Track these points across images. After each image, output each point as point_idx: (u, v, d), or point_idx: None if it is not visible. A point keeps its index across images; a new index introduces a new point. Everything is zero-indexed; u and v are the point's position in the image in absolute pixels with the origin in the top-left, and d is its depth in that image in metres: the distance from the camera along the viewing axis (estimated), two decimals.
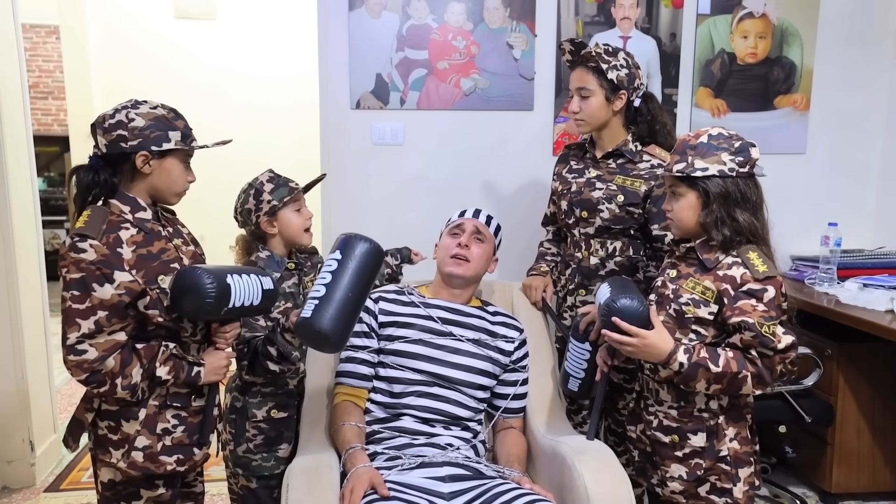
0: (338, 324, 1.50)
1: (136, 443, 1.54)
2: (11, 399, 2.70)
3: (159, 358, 1.52)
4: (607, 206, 2.04)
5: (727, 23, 2.83)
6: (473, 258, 1.92)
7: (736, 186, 1.54)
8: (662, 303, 1.64)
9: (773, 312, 1.51)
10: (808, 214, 2.93)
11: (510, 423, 1.97)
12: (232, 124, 4.03)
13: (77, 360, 1.44)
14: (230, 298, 1.53)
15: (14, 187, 2.68)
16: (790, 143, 2.94)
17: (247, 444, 1.86)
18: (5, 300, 2.65)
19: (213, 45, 4.00)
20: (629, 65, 2.00)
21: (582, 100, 2.02)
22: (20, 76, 2.78)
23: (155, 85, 3.88)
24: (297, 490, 1.55)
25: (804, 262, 2.91)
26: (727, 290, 1.53)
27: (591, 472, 1.64)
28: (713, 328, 1.57)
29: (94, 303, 1.44)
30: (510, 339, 1.96)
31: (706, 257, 1.58)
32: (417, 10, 2.66)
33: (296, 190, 1.92)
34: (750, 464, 1.61)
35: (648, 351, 1.56)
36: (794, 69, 2.89)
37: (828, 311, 2.44)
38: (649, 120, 2.07)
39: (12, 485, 2.75)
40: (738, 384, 1.52)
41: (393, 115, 2.71)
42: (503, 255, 2.82)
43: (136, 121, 1.51)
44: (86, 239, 1.45)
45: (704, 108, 2.87)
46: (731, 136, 1.56)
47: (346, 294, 1.50)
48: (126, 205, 1.54)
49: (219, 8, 3.91)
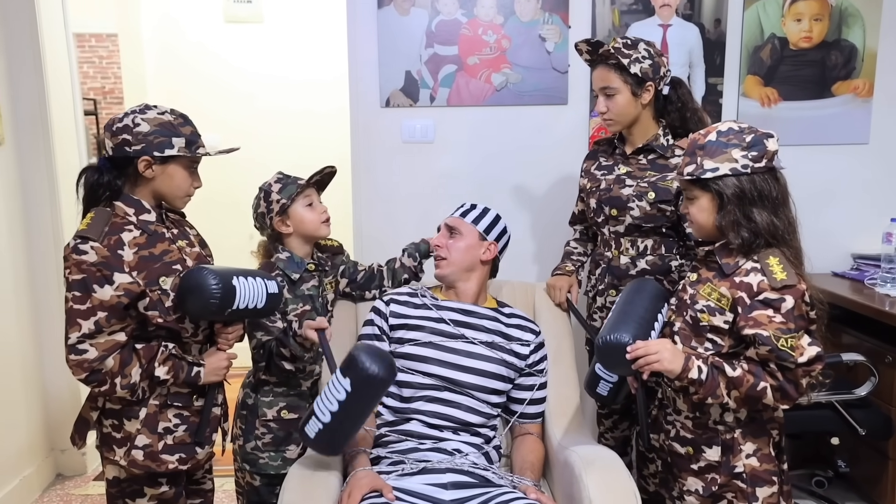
0: (338, 448, 1.57)
1: (137, 441, 1.54)
2: (63, 393, 2.80)
3: (158, 358, 1.52)
4: (637, 203, 1.92)
5: (778, 5, 2.61)
6: (448, 254, 1.85)
7: (752, 184, 1.39)
8: (681, 308, 1.52)
9: (792, 324, 1.35)
10: (870, 209, 2.67)
11: (527, 428, 1.87)
12: (275, 124, 4.08)
13: (77, 359, 1.45)
14: (234, 300, 1.51)
15: (65, 188, 2.76)
16: (851, 132, 2.68)
17: (255, 441, 1.84)
18: (57, 298, 2.73)
19: (260, 48, 4.05)
20: (651, 54, 1.87)
21: (608, 99, 1.90)
22: (71, 84, 2.87)
23: (205, 88, 3.95)
24: (291, 493, 1.50)
25: (865, 260, 2.66)
26: (742, 298, 1.39)
27: (597, 483, 1.52)
28: (729, 338, 1.43)
29: (95, 303, 1.45)
30: (526, 342, 1.86)
31: (725, 261, 1.44)
32: (446, 5, 2.58)
33: (304, 185, 1.88)
34: (772, 483, 1.45)
35: (672, 358, 1.43)
36: (854, 53, 2.63)
37: (889, 315, 2.21)
38: (679, 107, 1.94)
39: (66, 472, 2.86)
40: (758, 395, 1.37)
41: (423, 112, 2.64)
42: (536, 256, 2.75)
43: (142, 126, 1.51)
44: (87, 241, 1.45)
45: (753, 97, 2.65)
46: (741, 130, 1.41)
47: (353, 424, 1.51)
48: (130, 207, 1.54)
49: (265, 12, 3.95)
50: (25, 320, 2.67)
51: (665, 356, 1.42)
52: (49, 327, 2.74)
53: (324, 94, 3.93)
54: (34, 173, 2.67)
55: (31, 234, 2.70)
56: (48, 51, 2.65)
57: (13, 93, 2.62)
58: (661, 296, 1.61)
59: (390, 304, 1.88)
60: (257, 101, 4.07)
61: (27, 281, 2.69)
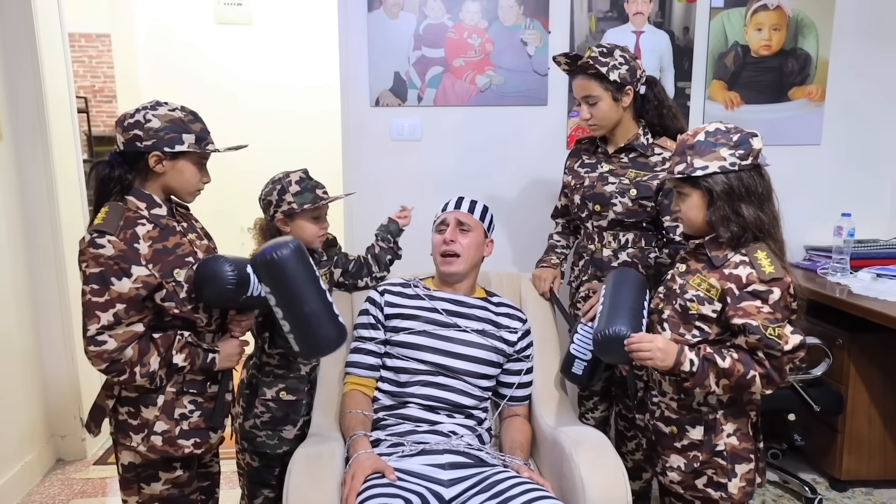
0: (330, 335, 1.49)
1: (156, 427, 1.53)
2: (63, 380, 2.74)
3: (175, 346, 1.51)
4: (620, 199, 1.93)
5: (741, 15, 2.66)
6: (462, 251, 1.83)
7: (740, 181, 1.41)
8: (670, 297, 1.54)
9: (779, 314, 1.38)
10: (822, 205, 2.76)
11: (515, 410, 1.89)
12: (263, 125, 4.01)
13: (97, 350, 1.43)
14: (249, 287, 1.51)
15: (62, 183, 2.70)
16: (805, 134, 2.76)
17: (254, 419, 1.82)
18: (55, 289, 2.68)
19: (250, 49, 3.98)
20: (627, 59, 1.88)
21: (591, 106, 1.90)
22: (67, 82, 2.78)
23: (196, 87, 3.88)
24: (298, 475, 1.51)
25: (818, 252, 2.74)
26: (731, 289, 1.41)
27: (587, 462, 1.55)
28: (716, 326, 1.46)
29: (113, 296, 1.42)
30: (514, 329, 1.87)
31: (715, 254, 1.46)
32: (434, 9, 2.57)
33: (320, 201, 1.78)
34: (749, 461, 1.49)
35: (665, 353, 1.44)
36: (808, 61, 2.70)
37: (839, 302, 2.28)
38: (656, 105, 1.94)
39: (66, 457, 2.81)
40: (748, 383, 1.40)
41: (411, 111, 2.63)
42: (516, 247, 2.77)
43: (153, 122, 1.48)
44: (104, 235, 1.43)
45: (718, 100, 2.70)
46: (728, 130, 1.43)
47: (305, 308, 1.46)
48: (142, 201, 1.52)
49: (255, 14, 3.87)
50: (25, 311, 2.61)
51: (658, 356, 1.43)
52: (47, 318, 2.69)
53: (312, 96, 3.89)
54: (32, 168, 2.60)
55: (30, 228, 2.64)
56: (44, 50, 2.58)
57: (11, 90, 2.54)
58: (643, 285, 1.64)
59: (385, 295, 1.87)
60: (247, 101, 4.00)
61: (26, 273, 2.63)
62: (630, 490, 1.57)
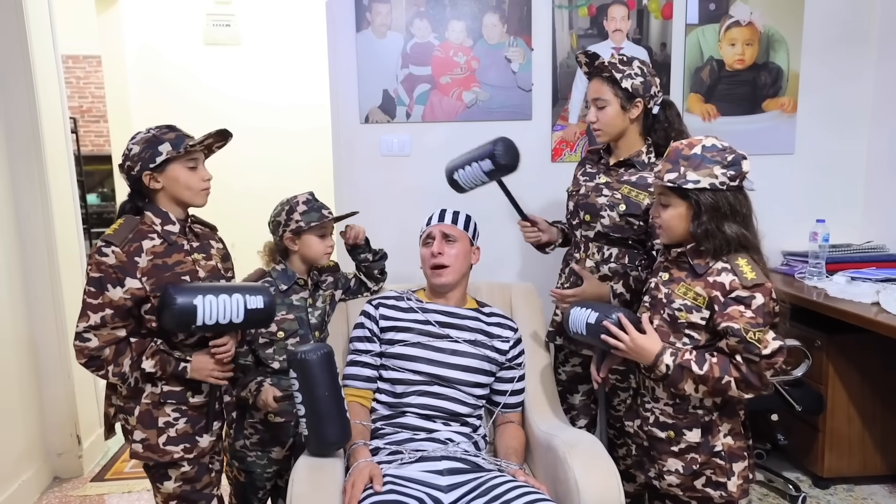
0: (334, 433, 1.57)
1: (135, 436, 1.61)
2: (60, 398, 2.70)
3: (147, 352, 1.56)
4: (609, 213, 1.89)
5: (715, 32, 2.71)
6: (451, 261, 1.84)
7: (726, 199, 1.42)
8: (656, 306, 1.54)
9: (761, 319, 1.39)
10: (797, 212, 2.80)
11: (509, 417, 1.90)
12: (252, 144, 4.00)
13: (80, 345, 1.53)
14: (196, 318, 1.50)
15: (57, 202, 2.67)
16: (779, 144, 2.81)
17: (244, 440, 1.84)
18: (51, 307, 2.65)
19: (239, 69, 3.98)
20: (644, 73, 1.84)
21: (598, 110, 1.87)
22: (61, 103, 2.77)
23: (186, 108, 3.86)
24: (300, 484, 1.50)
25: (794, 257, 2.78)
26: (717, 296, 1.43)
27: (582, 465, 1.56)
28: (706, 332, 1.47)
29: (105, 301, 1.52)
30: (505, 338, 1.88)
31: (697, 262, 1.47)
32: (420, 29, 2.59)
33: (325, 219, 1.85)
34: (744, 458, 1.51)
35: (639, 352, 1.49)
36: (780, 74, 2.76)
37: (817, 305, 2.32)
38: (666, 127, 1.89)
39: (62, 475, 2.76)
40: (723, 388, 1.42)
41: (400, 128, 2.65)
42: (502, 258, 2.77)
43: (134, 149, 1.58)
44: (110, 245, 1.52)
45: (695, 112, 2.75)
46: (724, 149, 1.44)
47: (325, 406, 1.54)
48: (158, 217, 1.60)
49: (243, 35, 3.88)
50: (21, 329, 2.57)
51: (633, 349, 1.48)
52: (44, 336, 2.65)
53: (300, 114, 3.89)
54: (27, 184, 2.58)
55: (26, 247, 2.61)
56: (38, 70, 2.57)
57: (6, 109, 2.53)
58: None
59: (379, 308, 1.88)
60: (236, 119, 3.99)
61: (22, 290, 2.59)
62: (623, 491, 1.58)
